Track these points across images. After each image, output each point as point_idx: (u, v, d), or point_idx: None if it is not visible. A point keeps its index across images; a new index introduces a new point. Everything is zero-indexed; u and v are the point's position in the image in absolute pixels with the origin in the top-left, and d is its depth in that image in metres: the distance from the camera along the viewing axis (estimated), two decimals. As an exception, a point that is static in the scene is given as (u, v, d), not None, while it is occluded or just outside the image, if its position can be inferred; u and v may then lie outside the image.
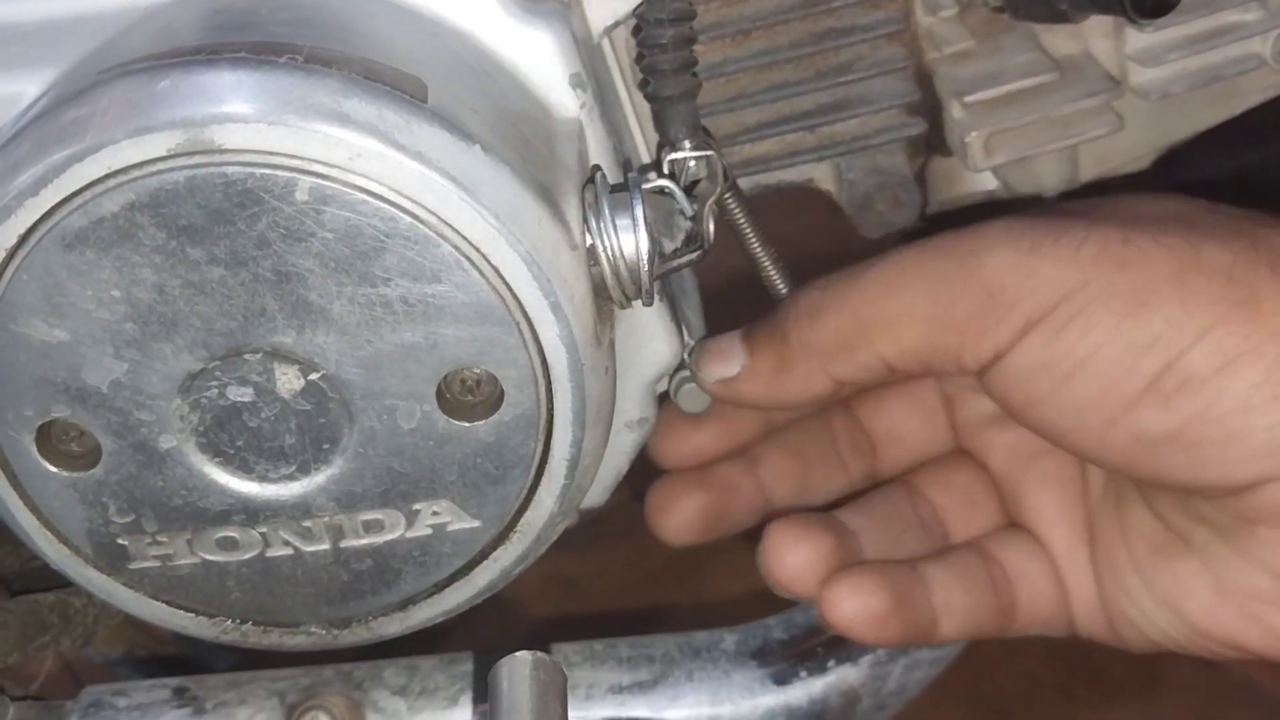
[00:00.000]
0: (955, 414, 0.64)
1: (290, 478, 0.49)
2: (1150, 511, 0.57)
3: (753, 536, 0.62)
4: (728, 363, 0.58)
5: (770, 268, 0.60)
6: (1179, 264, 0.50)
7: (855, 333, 0.55)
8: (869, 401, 0.64)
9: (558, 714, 0.46)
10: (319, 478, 0.49)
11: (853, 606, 0.57)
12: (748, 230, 0.59)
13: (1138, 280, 0.50)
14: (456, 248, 0.45)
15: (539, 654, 0.46)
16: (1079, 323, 0.50)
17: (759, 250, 0.60)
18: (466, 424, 0.48)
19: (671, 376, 0.60)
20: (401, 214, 0.45)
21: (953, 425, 0.64)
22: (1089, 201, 0.58)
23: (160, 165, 0.44)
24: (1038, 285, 0.51)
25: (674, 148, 0.55)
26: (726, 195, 0.58)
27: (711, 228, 0.54)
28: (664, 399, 0.61)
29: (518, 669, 0.46)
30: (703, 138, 0.56)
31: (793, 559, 0.58)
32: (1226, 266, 0.50)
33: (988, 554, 0.61)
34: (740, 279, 0.63)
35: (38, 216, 0.45)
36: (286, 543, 0.51)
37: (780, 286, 0.61)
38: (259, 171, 0.44)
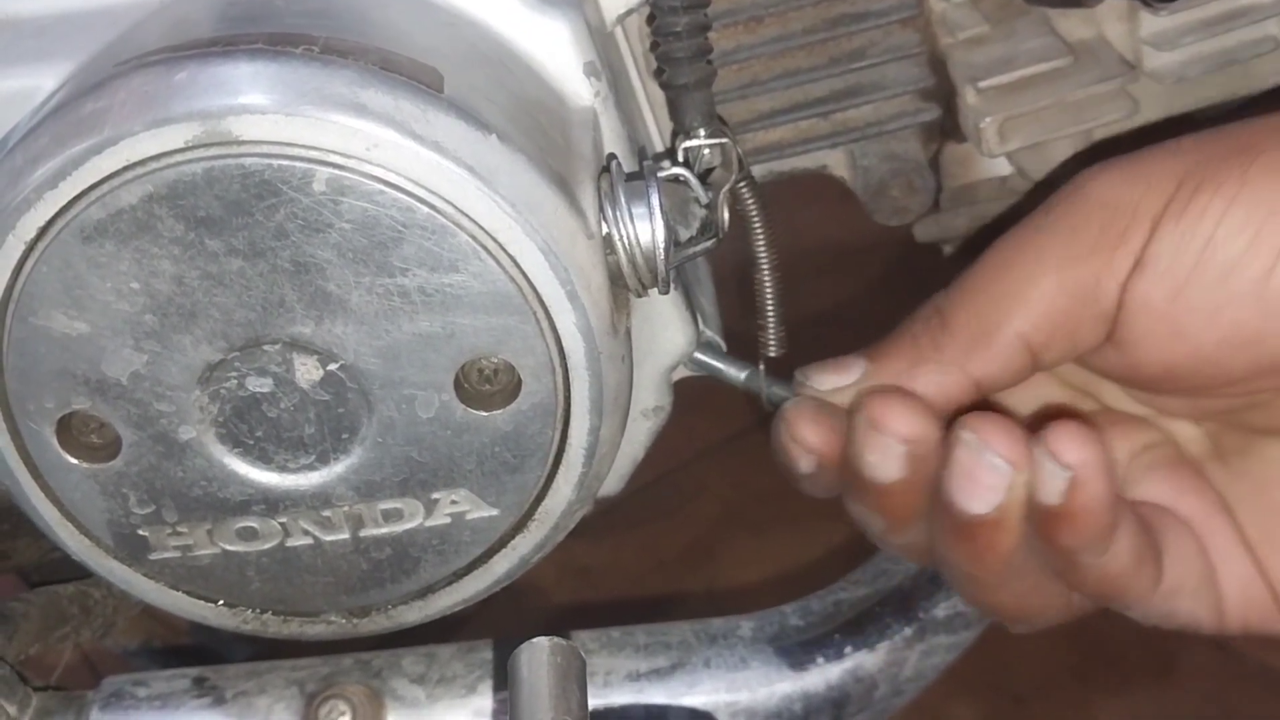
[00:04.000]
0: None
1: (310, 467, 0.50)
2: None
3: (762, 526, 0.62)
4: (844, 372, 0.54)
5: (766, 270, 0.59)
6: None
7: (989, 313, 0.52)
8: None
9: (577, 698, 0.46)
10: (338, 467, 0.50)
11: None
12: (757, 225, 0.59)
13: (1248, 141, 0.50)
14: (473, 237, 0.45)
15: (557, 639, 0.46)
16: (1205, 190, 0.49)
17: (762, 249, 0.58)
18: (484, 413, 0.49)
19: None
20: (419, 204, 0.45)
21: None
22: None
23: (178, 157, 0.44)
24: (1152, 180, 0.50)
25: (689, 135, 0.55)
26: (740, 184, 0.57)
27: (726, 215, 0.54)
28: (679, 387, 0.61)
29: (537, 654, 0.46)
30: (717, 125, 0.55)
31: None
32: None
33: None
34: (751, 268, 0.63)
35: (57, 209, 0.45)
36: (306, 532, 0.51)
37: (767, 290, 0.59)
38: (276, 163, 0.44)
